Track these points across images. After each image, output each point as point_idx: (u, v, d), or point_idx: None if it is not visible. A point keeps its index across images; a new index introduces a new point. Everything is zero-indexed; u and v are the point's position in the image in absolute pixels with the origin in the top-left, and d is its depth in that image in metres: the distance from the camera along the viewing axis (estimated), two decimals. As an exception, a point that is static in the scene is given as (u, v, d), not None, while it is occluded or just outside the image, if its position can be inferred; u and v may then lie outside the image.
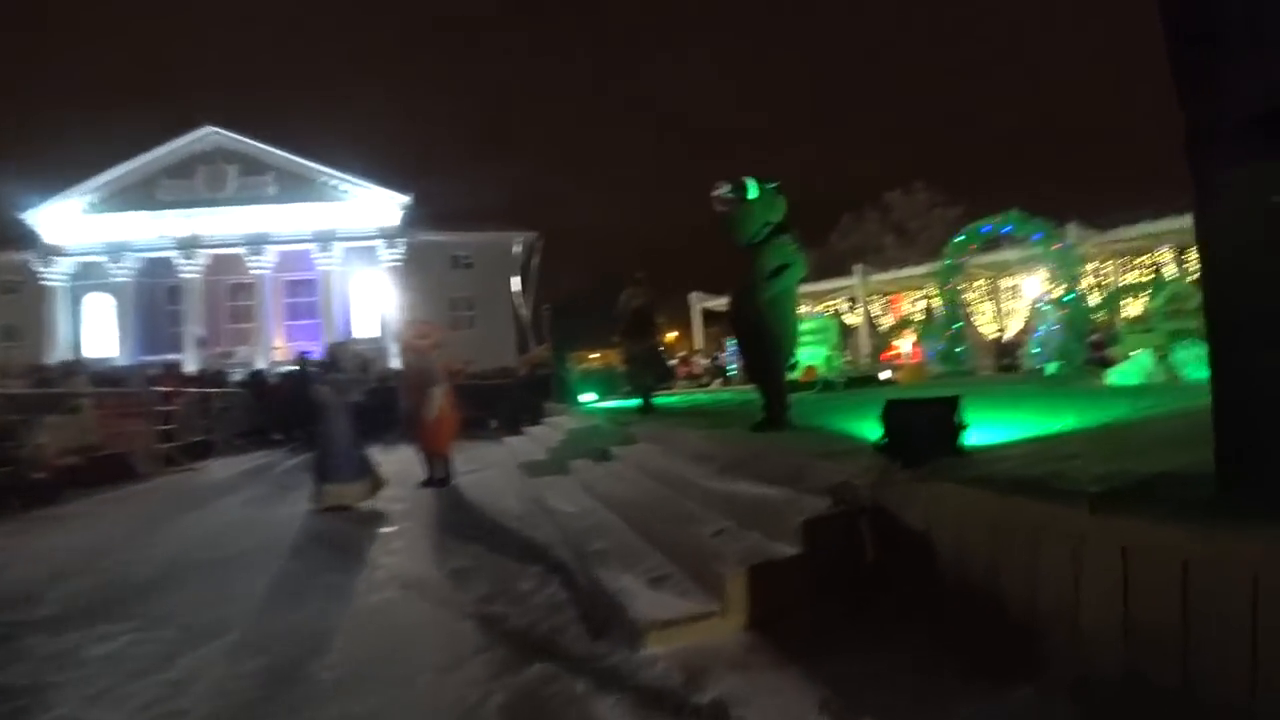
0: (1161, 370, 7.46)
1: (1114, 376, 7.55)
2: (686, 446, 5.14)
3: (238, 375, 20.49)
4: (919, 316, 18.87)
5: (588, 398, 11.83)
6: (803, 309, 21.77)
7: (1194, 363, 7.39)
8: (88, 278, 32.04)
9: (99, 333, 32.37)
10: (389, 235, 32.57)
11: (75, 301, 32.42)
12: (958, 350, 13.81)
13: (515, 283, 33.15)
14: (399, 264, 32.58)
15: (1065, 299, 12.14)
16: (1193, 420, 2.90)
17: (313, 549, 4.96)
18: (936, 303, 18.83)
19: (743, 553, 2.96)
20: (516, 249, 33.74)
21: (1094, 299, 12.39)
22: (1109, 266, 14.54)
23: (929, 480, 2.80)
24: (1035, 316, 14.15)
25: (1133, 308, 11.94)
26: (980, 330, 16.82)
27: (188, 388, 12.37)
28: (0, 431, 7.93)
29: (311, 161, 32.22)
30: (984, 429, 3.69)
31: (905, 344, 17.15)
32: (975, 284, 16.15)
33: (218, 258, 32.11)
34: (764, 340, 4.82)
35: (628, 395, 9.38)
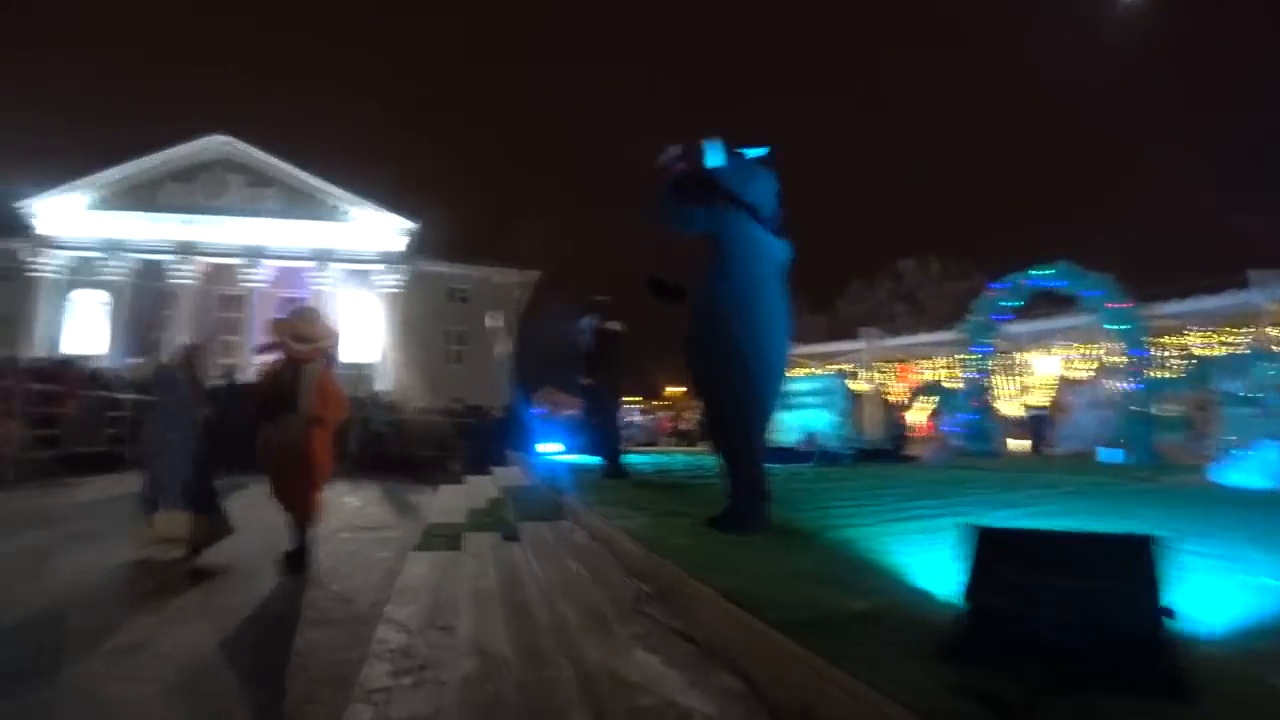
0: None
1: (1229, 475, 5.71)
2: (613, 542, 3.33)
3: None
4: (931, 384, 17.10)
5: (549, 448, 10.00)
6: (801, 369, 20.14)
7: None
8: (80, 273, 30.94)
9: (85, 330, 31.05)
10: (389, 260, 31.45)
11: (65, 298, 31.26)
12: (985, 425, 11.86)
13: (501, 320, 31.76)
14: (397, 290, 31.36)
15: (1129, 372, 10.24)
16: None
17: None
18: (953, 372, 17.11)
19: None
20: (515, 290, 32.46)
21: (1158, 373, 10.33)
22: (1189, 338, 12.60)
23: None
24: (1075, 391, 12.29)
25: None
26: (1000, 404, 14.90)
27: (92, 390, 10.64)
28: None
29: (317, 179, 31.32)
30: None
31: (915, 415, 15.33)
32: (1004, 349, 14.16)
33: (212, 266, 31.01)
34: (726, 374, 3.06)
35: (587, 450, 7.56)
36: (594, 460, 7.13)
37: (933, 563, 2.41)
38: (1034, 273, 11.31)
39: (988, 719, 1.21)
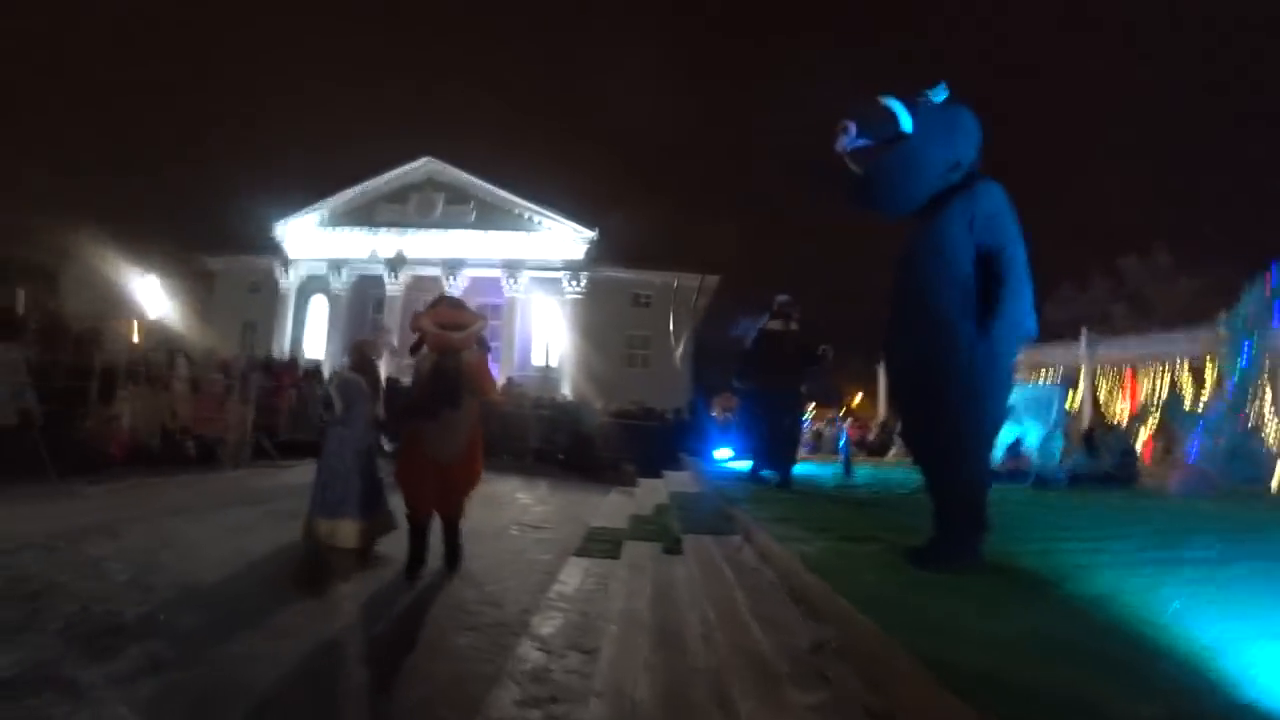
0: None
1: None
2: (789, 572, 2.83)
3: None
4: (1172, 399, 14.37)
5: (723, 454, 9.59)
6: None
7: None
8: (312, 285, 35.43)
9: (316, 334, 35.53)
10: (573, 268, 32.74)
11: (300, 305, 35.92)
12: (1251, 448, 9.62)
13: (680, 323, 31.76)
14: (580, 297, 32.61)
15: None
16: None
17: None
18: (1198, 382, 14.26)
19: None
20: (694, 292, 32.47)
21: None
22: None
23: None
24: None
25: None
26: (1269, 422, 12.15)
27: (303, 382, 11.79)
28: (70, 399, 7.35)
29: (508, 192, 33.42)
30: None
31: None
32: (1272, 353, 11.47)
33: (418, 277, 34.11)
34: (941, 372, 2.45)
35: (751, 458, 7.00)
36: (749, 468, 6.62)
37: (1232, 634, 1.70)
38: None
39: None
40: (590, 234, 32.67)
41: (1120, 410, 15.60)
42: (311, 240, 34.88)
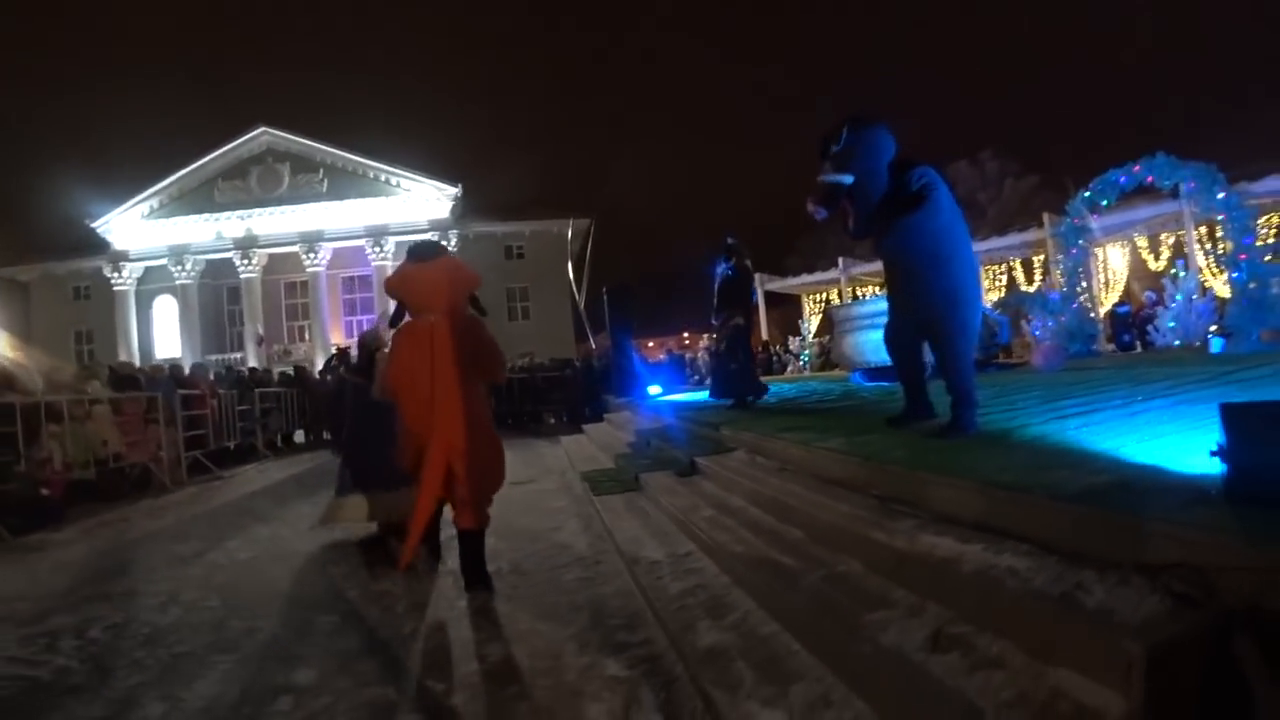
0: None
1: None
2: (808, 464, 3.73)
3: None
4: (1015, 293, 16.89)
5: (654, 390, 10.45)
6: (874, 289, 20.02)
7: None
8: (152, 281, 32.51)
9: (166, 335, 32.79)
10: (440, 228, 32.00)
11: (143, 305, 32.92)
12: (1084, 327, 11.80)
13: (569, 270, 32.04)
14: (453, 255, 32.06)
15: (1235, 259, 10.03)
16: None
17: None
18: (1031, 276, 16.78)
19: (1007, 697, 1.54)
20: (569, 236, 32.70)
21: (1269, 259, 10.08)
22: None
23: None
24: (1170, 284, 12.10)
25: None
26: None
27: (220, 388, 11.47)
28: (-1, 445, 7.01)
29: (360, 157, 31.91)
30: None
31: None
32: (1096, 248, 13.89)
33: (274, 257, 32.16)
34: (947, 306, 3.45)
35: (702, 387, 7.94)
36: (705, 396, 7.46)
37: (1127, 447, 2.73)
38: (1122, 169, 11.03)
39: None
40: (454, 190, 31.96)
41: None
42: (144, 233, 31.84)
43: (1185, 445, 2.58)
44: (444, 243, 29.29)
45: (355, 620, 3.39)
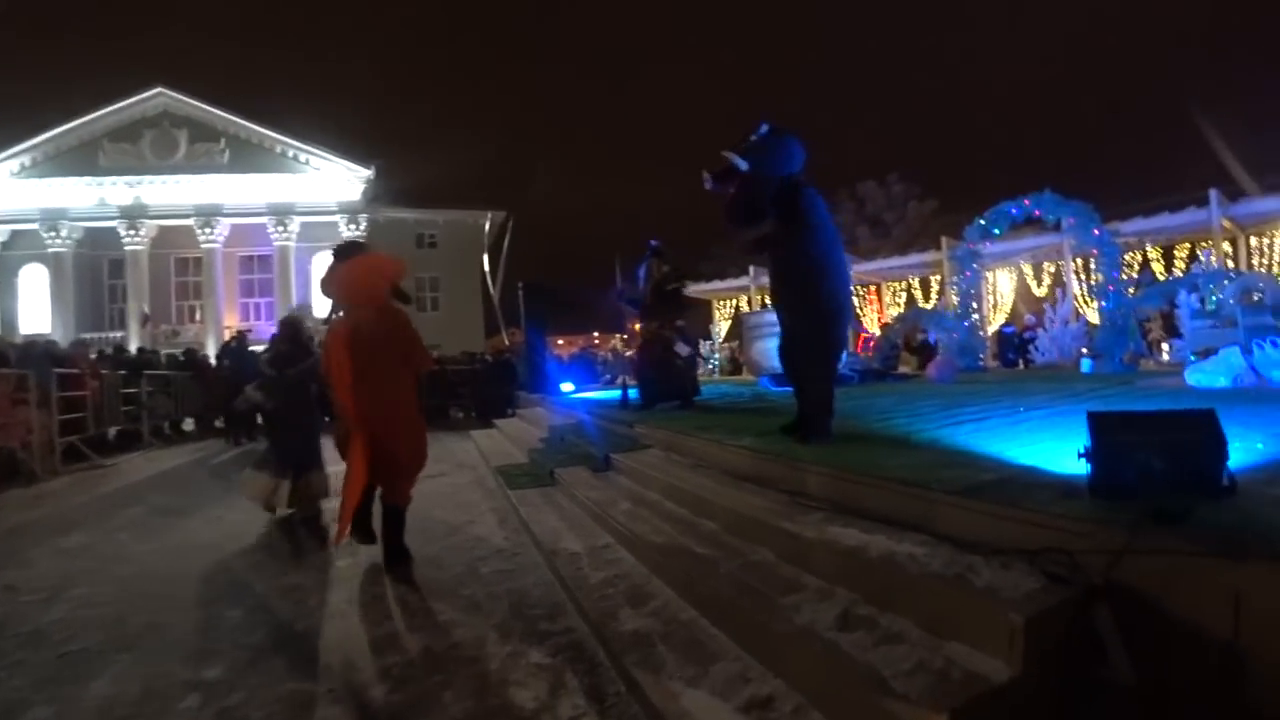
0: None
1: (1196, 377, 6.49)
2: (721, 460, 3.91)
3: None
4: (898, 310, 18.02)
5: (567, 387, 10.49)
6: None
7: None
8: (20, 247, 29.78)
9: (34, 308, 30.06)
10: (350, 210, 30.86)
11: (6, 273, 30.11)
12: (973, 343, 12.71)
13: (485, 263, 31.54)
14: (361, 240, 30.88)
15: (1104, 291, 11.10)
16: None
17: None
18: (928, 296, 17.90)
19: (907, 667, 1.72)
20: (485, 227, 32.20)
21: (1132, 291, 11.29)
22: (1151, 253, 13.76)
23: (1233, 555, 1.63)
24: (1049, 307, 13.23)
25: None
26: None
27: (104, 369, 10.68)
28: None
29: (267, 129, 30.30)
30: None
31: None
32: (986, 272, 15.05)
33: (165, 229, 30.09)
34: (812, 318, 3.73)
35: (613, 386, 8.06)
36: (616, 395, 7.55)
37: (1011, 450, 3.04)
38: (1015, 201, 12.00)
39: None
40: (367, 172, 30.84)
41: (872, 320, 18.98)
42: (11, 192, 29.05)
43: (1059, 450, 2.89)
44: (362, 239, 28.40)
45: (265, 613, 3.30)
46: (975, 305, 13.15)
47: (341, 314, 4.13)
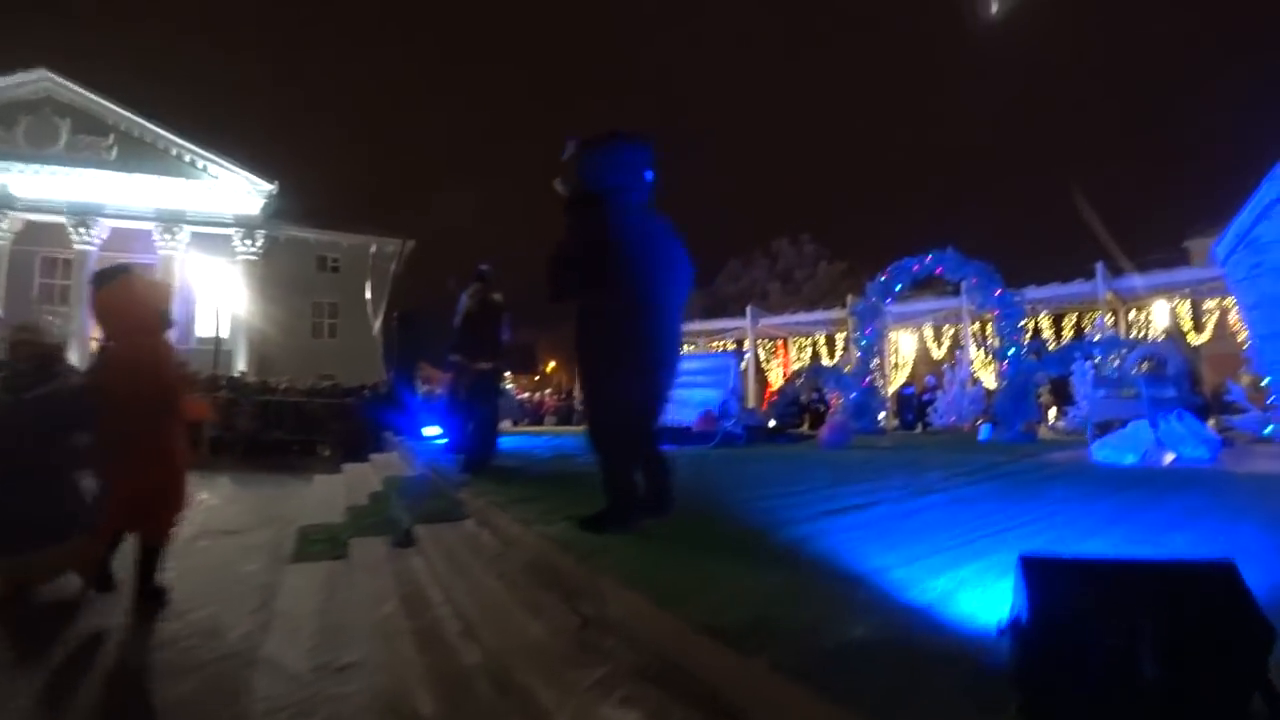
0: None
1: (1104, 453, 6.00)
2: (526, 547, 2.93)
3: None
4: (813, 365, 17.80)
5: (433, 431, 9.27)
6: (690, 346, 19.96)
7: (1190, 440, 6.00)
8: None
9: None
10: (247, 225, 28.75)
11: None
12: (871, 404, 12.26)
13: (368, 290, 29.87)
14: (255, 258, 28.70)
15: (1005, 354, 10.83)
16: None
17: None
18: (832, 352, 17.73)
19: None
20: (389, 254, 30.65)
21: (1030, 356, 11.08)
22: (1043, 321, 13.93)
23: None
24: (947, 370, 13.06)
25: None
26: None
27: None
28: None
29: (162, 129, 28.04)
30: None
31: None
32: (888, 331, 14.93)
33: (32, 224, 27.16)
34: (612, 378, 2.89)
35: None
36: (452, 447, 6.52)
37: (897, 564, 2.23)
38: (917, 258, 11.75)
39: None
40: (269, 187, 28.87)
41: (777, 374, 18.65)
42: None
43: (965, 573, 2.09)
44: (125, 264, 26.53)
45: None
46: (877, 363, 12.83)
47: (112, 344, 3.89)
